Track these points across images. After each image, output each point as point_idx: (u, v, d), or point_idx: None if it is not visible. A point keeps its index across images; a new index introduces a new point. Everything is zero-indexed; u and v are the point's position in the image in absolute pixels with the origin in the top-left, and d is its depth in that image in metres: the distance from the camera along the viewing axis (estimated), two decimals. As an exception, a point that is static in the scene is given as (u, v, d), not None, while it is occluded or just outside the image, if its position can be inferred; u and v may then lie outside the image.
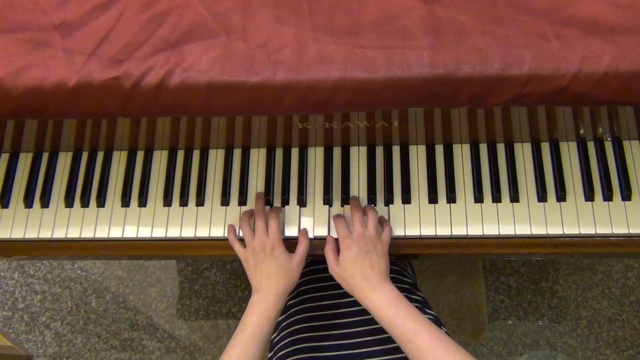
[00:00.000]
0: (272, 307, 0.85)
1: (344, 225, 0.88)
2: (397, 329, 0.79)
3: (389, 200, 0.95)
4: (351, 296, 1.00)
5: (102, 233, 0.98)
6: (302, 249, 0.91)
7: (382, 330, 0.94)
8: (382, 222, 0.92)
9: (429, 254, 0.97)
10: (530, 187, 0.94)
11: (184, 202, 0.98)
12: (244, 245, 0.91)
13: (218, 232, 0.96)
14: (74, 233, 0.98)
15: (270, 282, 0.86)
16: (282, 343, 0.97)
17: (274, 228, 0.89)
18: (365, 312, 0.98)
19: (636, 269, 1.76)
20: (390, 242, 0.89)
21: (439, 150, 0.98)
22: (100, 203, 0.99)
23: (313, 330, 0.98)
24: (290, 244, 0.92)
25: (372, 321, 0.96)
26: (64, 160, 1.03)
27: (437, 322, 0.97)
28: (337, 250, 0.88)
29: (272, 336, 1.02)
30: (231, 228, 0.94)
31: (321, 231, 0.95)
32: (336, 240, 0.90)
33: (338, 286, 1.03)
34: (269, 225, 0.90)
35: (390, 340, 0.92)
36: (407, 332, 0.78)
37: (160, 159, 1.02)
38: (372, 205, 0.95)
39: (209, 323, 1.78)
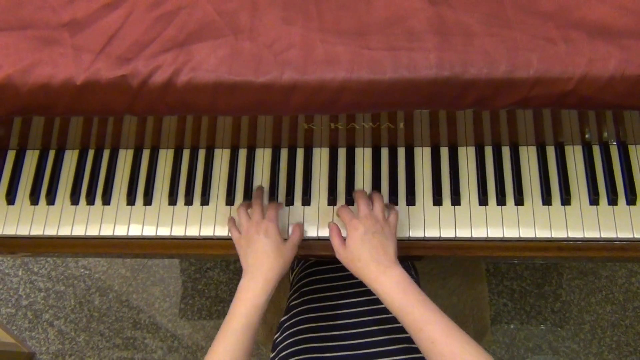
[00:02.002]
0: (261, 293, 0.83)
1: (349, 210, 0.88)
2: (407, 315, 0.77)
3: (393, 202, 0.96)
4: (354, 297, 1.01)
5: (107, 231, 0.98)
6: (295, 236, 0.91)
7: (386, 331, 0.94)
8: (388, 207, 0.92)
9: (433, 256, 0.97)
10: (535, 191, 0.94)
11: (189, 201, 0.99)
12: None
13: (222, 231, 0.96)
14: (79, 230, 0.98)
15: (261, 262, 0.85)
16: (284, 343, 0.97)
17: (271, 212, 0.89)
18: (368, 312, 0.98)
19: (640, 274, 1.76)
20: (397, 225, 0.88)
21: (444, 152, 0.98)
22: (106, 201, 1.00)
23: (316, 331, 0.98)
24: (294, 244, 0.92)
25: (376, 321, 0.96)
26: (70, 158, 1.03)
27: (440, 324, 0.97)
28: (342, 238, 0.87)
29: (275, 337, 1.03)
30: (232, 218, 0.95)
31: (325, 232, 0.95)
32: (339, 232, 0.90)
33: (341, 286, 1.04)
34: (267, 210, 0.89)
35: (393, 341, 0.93)
36: (417, 321, 0.76)
37: (165, 158, 1.02)
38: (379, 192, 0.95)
39: (211, 323, 1.78)
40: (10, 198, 1.01)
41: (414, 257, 1.13)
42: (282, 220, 0.96)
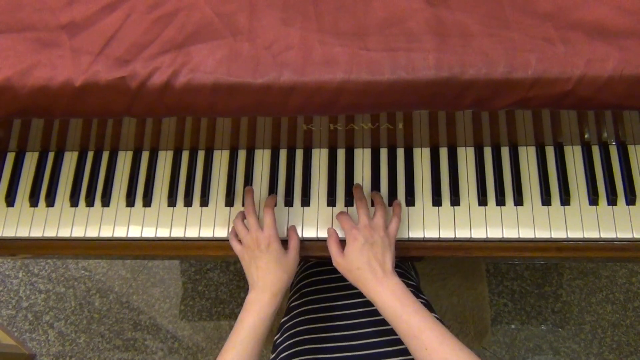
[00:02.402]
0: (268, 306, 0.85)
1: (349, 218, 0.88)
2: (402, 323, 0.78)
3: (392, 203, 0.95)
4: (354, 297, 1.01)
5: (106, 232, 0.98)
6: (293, 243, 0.91)
7: (386, 332, 0.94)
8: (392, 213, 0.92)
9: (433, 257, 0.97)
10: (535, 191, 0.94)
11: (188, 203, 0.99)
12: None
13: (222, 232, 0.96)
14: (78, 232, 0.98)
15: (266, 278, 0.86)
16: (285, 344, 0.97)
17: (268, 223, 0.88)
18: (367, 313, 0.98)
19: (640, 274, 1.76)
20: (396, 234, 0.88)
21: (443, 153, 0.98)
22: (105, 202, 1.00)
23: (316, 331, 0.98)
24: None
25: (375, 322, 0.96)
26: (70, 160, 1.03)
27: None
28: (341, 245, 0.88)
29: (275, 338, 1.03)
30: (233, 231, 0.95)
31: (325, 233, 0.95)
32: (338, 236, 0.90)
33: (341, 287, 1.03)
34: (263, 220, 0.89)
35: (394, 341, 0.92)
36: (412, 328, 0.77)
37: (165, 159, 1.02)
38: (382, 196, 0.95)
39: (211, 324, 1.78)
40: (10, 200, 1.01)
41: (414, 258, 1.13)
42: (280, 222, 0.96)
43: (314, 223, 0.96)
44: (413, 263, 1.25)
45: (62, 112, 0.80)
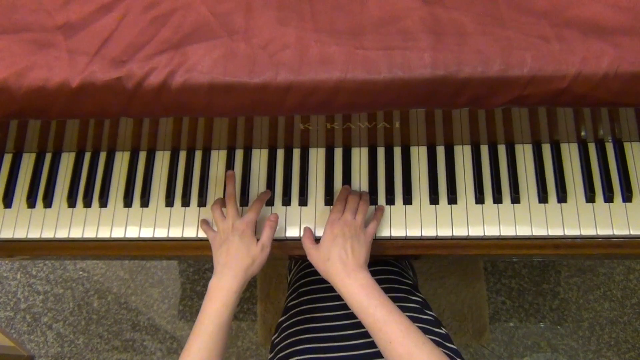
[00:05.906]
0: (230, 292, 0.84)
1: (338, 209, 0.90)
2: (368, 317, 0.79)
3: (390, 201, 0.96)
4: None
5: (104, 233, 0.98)
6: (264, 237, 0.90)
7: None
8: (374, 215, 0.93)
9: (430, 255, 0.97)
10: (531, 189, 0.95)
11: (185, 203, 0.99)
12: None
13: (220, 232, 0.96)
14: (76, 233, 0.98)
15: (230, 260, 0.86)
16: (282, 344, 0.97)
17: (253, 210, 0.90)
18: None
19: (637, 271, 1.76)
20: (373, 236, 0.90)
21: (440, 151, 0.98)
22: (103, 203, 1.00)
23: (314, 331, 0.98)
24: (291, 244, 0.92)
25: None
26: (67, 161, 1.03)
27: (437, 323, 0.97)
28: (315, 241, 0.90)
29: (273, 337, 1.03)
30: (205, 220, 0.97)
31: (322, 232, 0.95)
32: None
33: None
34: (249, 209, 0.91)
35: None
36: (377, 321, 0.78)
37: (162, 160, 1.02)
38: (368, 196, 0.96)
39: (210, 324, 1.78)
40: (7, 201, 1.01)
41: (411, 256, 1.14)
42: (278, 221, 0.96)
43: (311, 222, 0.96)
44: (410, 262, 1.25)
45: (58, 113, 0.80)
